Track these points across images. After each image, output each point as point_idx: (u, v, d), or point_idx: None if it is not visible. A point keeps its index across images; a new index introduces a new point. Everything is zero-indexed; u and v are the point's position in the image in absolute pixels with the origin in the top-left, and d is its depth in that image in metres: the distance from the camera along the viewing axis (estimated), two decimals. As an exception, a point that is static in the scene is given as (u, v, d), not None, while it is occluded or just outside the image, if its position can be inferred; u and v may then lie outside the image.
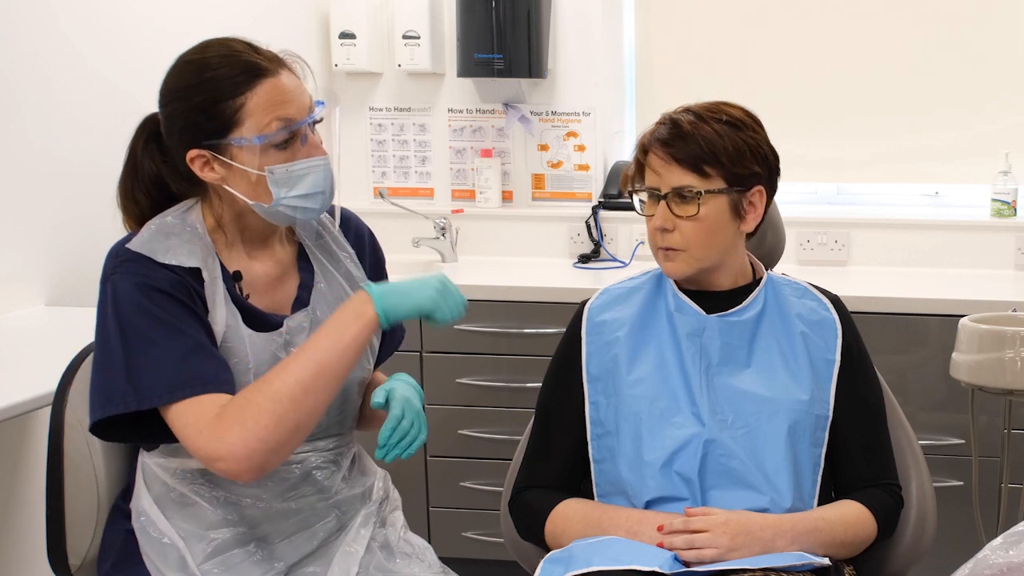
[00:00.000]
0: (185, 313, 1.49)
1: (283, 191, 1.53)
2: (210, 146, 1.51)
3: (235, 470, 1.44)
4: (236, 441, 1.43)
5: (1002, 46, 3.42)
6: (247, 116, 1.50)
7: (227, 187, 1.54)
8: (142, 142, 1.61)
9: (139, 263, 1.50)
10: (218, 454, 1.43)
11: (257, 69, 1.51)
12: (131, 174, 1.62)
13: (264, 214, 1.56)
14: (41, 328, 2.44)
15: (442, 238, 3.53)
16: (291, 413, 1.45)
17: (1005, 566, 1.36)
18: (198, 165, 1.53)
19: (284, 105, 1.52)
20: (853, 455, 1.74)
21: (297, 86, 1.55)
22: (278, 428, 1.44)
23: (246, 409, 1.44)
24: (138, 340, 1.46)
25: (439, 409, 3.12)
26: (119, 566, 1.61)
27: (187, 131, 1.52)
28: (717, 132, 1.68)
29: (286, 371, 1.47)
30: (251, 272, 1.61)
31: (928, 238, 3.35)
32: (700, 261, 1.71)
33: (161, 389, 1.45)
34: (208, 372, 1.47)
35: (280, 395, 1.45)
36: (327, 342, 1.49)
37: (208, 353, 1.49)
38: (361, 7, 3.53)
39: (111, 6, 2.73)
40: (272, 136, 1.51)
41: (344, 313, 1.52)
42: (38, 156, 2.52)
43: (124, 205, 1.62)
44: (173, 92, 1.54)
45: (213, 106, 1.50)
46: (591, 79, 3.55)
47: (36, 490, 2.32)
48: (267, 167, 1.51)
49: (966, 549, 1.61)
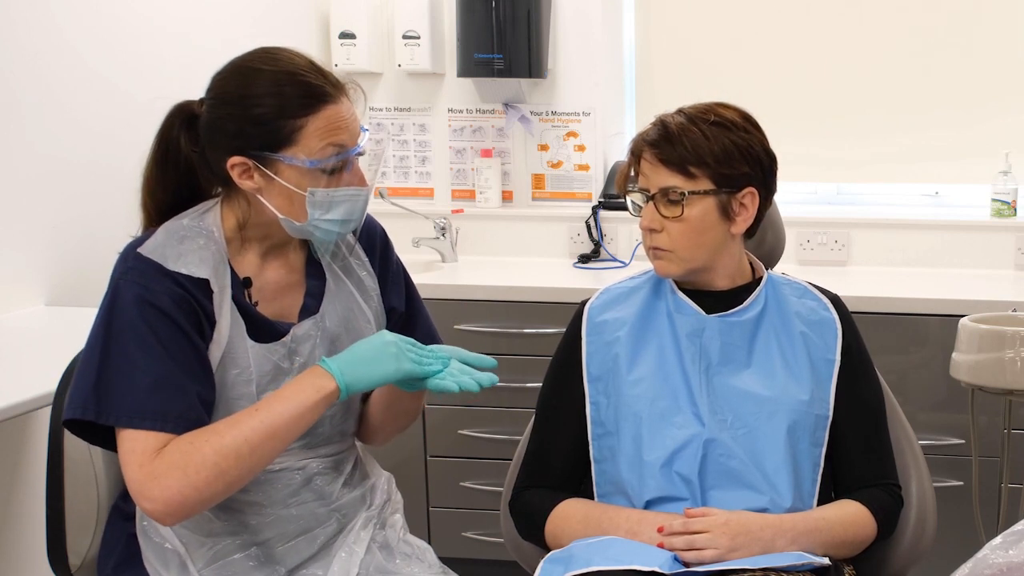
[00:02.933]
0: (177, 337, 1.47)
1: (319, 213, 1.52)
2: (256, 156, 1.50)
3: (160, 513, 1.44)
4: (172, 486, 1.42)
5: (1002, 46, 3.42)
6: (303, 138, 1.49)
7: (261, 198, 1.52)
8: (176, 129, 1.56)
9: (145, 273, 1.48)
10: (151, 494, 1.43)
11: (322, 94, 1.50)
12: (159, 163, 1.58)
13: (291, 230, 1.55)
14: (41, 328, 2.43)
15: (442, 238, 3.54)
16: (233, 469, 1.45)
17: (1005, 566, 1.36)
18: (237, 172, 1.51)
19: (340, 133, 1.51)
20: (853, 455, 1.74)
21: (353, 114, 1.55)
22: (216, 482, 1.44)
23: (190, 456, 1.43)
24: (118, 355, 1.46)
25: (439, 409, 3.12)
26: (121, 567, 1.61)
27: (237, 138, 1.50)
28: (704, 133, 1.68)
29: (237, 427, 1.46)
30: (262, 278, 1.60)
31: (928, 238, 3.35)
32: (688, 262, 1.72)
33: (120, 411, 1.45)
34: (172, 410, 1.46)
35: (227, 450, 1.44)
36: (283, 407, 1.47)
37: (180, 388, 1.47)
38: (361, 7, 3.53)
39: (111, 6, 2.73)
40: (324, 162, 1.50)
41: (303, 382, 1.50)
42: (38, 156, 2.52)
43: (150, 188, 1.59)
44: (228, 96, 1.51)
45: (272, 122, 1.48)
46: (591, 79, 3.55)
47: (36, 490, 2.31)
48: (310, 188, 1.51)
49: (966, 549, 1.61)
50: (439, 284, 3.17)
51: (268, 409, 1.47)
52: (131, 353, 1.46)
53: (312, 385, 1.49)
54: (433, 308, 1.77)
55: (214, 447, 1.44)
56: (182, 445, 1.44)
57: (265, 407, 1.48)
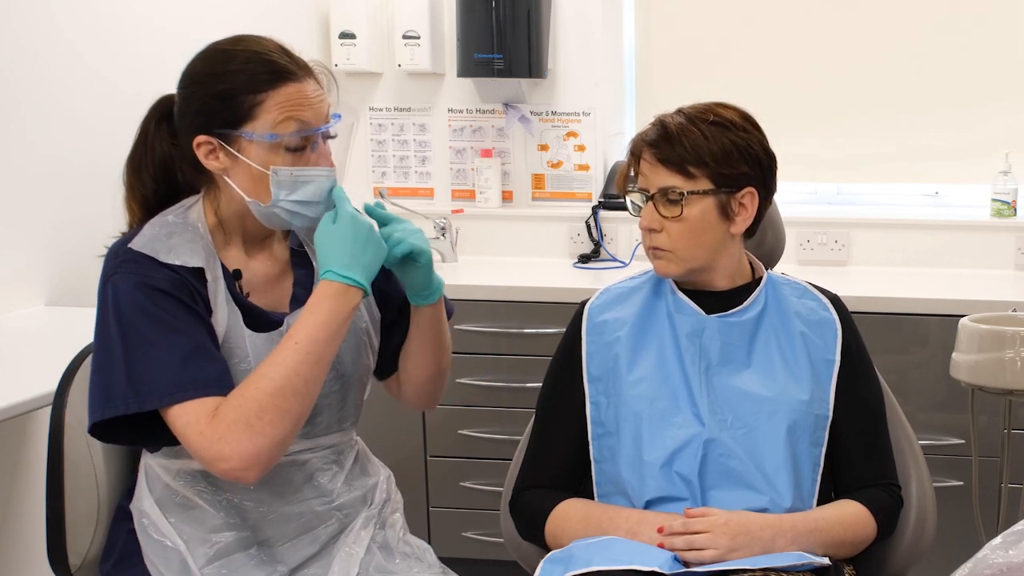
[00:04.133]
0: (186, 313, 1.49)
1: (283, 193, 1.52)
2: (220, 135, 1.51)
3: (239, 469, 1.44)
4: (241, 440, 1.42)
5: (1002, 46, 3.42)
6: (263, 112, 1.50)
7: (227, 179, 1.53)
8: (154, 121, 1.61)
9: (140, 263, 1.49)
10: (223, 454, 1.43)
11: (284, 72, 1.52)
12: (140, 152, 1.61)
13: (259, 214, 1.55)
14: (41, 328, 2.44)
15: (442, 238, 3.54)
16: (295, 407, 1.46)
17: (1005, 566, 1.36)
18: (203, 151, 1.53)
19: (302, 109, 1.52)
20: (853, 455, 1.74)
21: (319, 95, 1.55)
22: (281, 423, 1.45)
23: (247, 408, 1.43)
24: (138, 341, 1.46)
25: (439, 409, 3.10)
26: (120, 565, 1.61)
27: (200, 116, 1.52)
28: (703, 133, 1.68)
29: (283, 365, 1.46)
30: (249, 270, 1.61)
31: (928, 238, 3.35)
32: (687, 262, 1.72)
33: (161, 391, 1.45)
34: (210, 375, 1.47)
35: (283, 390, 1.45)
36: (319, 331, 1.48)
37: (209, 355, 1.48)
38: (361, 7, 3.53)
39: (111, 6, 2.73)
40: (284, 137, 1.51)
41: (324, 301, 1.50)
42: (38, 156, 2.52)
43: (130, 183, 1.61)
44: (195, 76, 1.54)
45: (232, 97, 1.50)
46: (591, 79, 3.55)
47: (36, 490, 2.32)
48: (272, 167, 1.51)
49: (966, 549, 1.61)
50: (439, 284, 3.16)
51: (306, 337, 1.47)
52: (150, 336, 1.46)
53: (334, 299, 1.49)
54: (433, 308, 1.79)
55: (268, 391, 1.44)
56: (234, 400, 1.45)
57: (303, 335, 1.48)
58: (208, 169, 1.55)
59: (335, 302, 1.50)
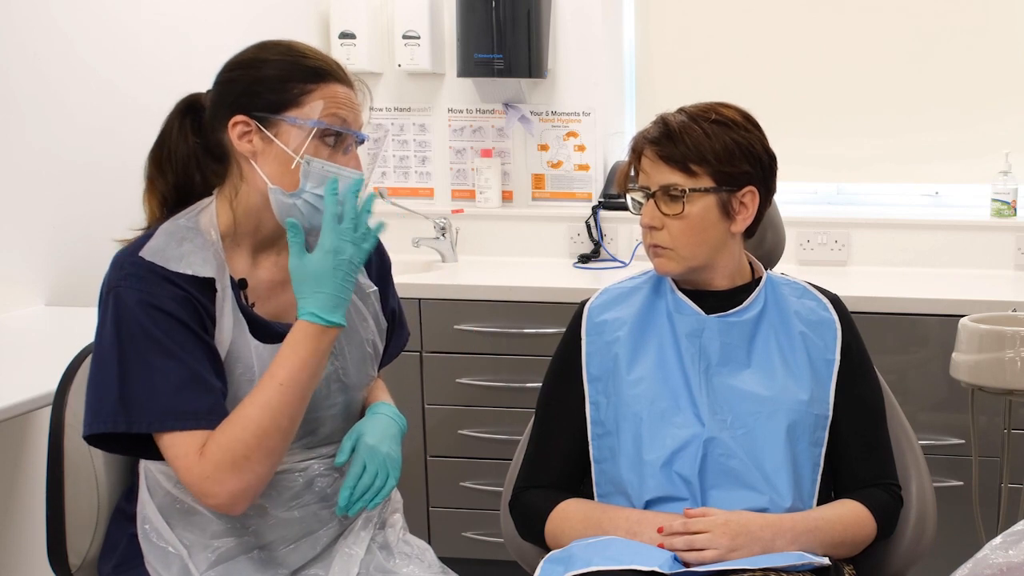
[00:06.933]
0: (186, 336, 1.48)
1: (310, 184, 1.52)
2: (259, 117, 1.52)
3: (228, 506, 1.47)
4: (229, 480, 1.45)
5: (1002, 46, 3.42)
6: (310, 101, 1.53)
7: (254, 164, 1.53)
8: (178, 116, 1.61)
9: (144, 279, 1.48)
10: (212, 493, 1.45)
11: (336, 72, 1.57)
12: (164, 145, 1.62)
13: (278, 204, 1.53)
14: (41, 328, 2.44)
15: (442, 238, 3.54)
16: (279, 444, 1.48)
17: (1005, 566, 1.36)
18: (237, 132, 1.52)
19: (345, 108, 1.56)
20: (853, 455, 1.75)
21: (358, 104, 1.60)
22: (268, 460, 1.47)
23: (235, 449, 1.45)
24: (135, 362, 1.45)
25: (439, 409, 3.12)
26: (121, 568, 1.61)
27: (244, 96, 1.53)
28: (706, 131, 1.68)
29: (267, 405, 1.46)
30: (255, 278, 1.60)
31: (928, 238, 3.35)
32: (688, 260, 1.72)
33: (151, 416, 1.45)
34: (201, 408, 1.46)
35: (268, 429, 1.46)
36: (300, 371, 1.48)
37: (204, 386, 1.48)
38: (361, 7, 3.53)
39: (111, 6, 2.73)
40: (327, 126, 1.53)
41: (303, 341, 1.49)
42: (38, 156, 2.52)
43: (151, 177, 1.62)
44: (244, 61, 1.56)
45: (283, 81, 1.53)
46: (591, 79, 3.55)
47: (36, 490, 2.32)
48: (306, 155, 1.52)
49: (966, 549, 1.61)
50: (439, 284, 3.17)
51: (289, 378, 1.48)
52: (148, 358, 1.45)
53: (316, 339, 1.49)
54: (433, 308, 1.78)
55: (255, 433, 1.45)
56: (222, 439, 1.45)
57: (285, 376, 1.48)
58: (232, 158, 1.55)
59: (317, 342, 1.50)
